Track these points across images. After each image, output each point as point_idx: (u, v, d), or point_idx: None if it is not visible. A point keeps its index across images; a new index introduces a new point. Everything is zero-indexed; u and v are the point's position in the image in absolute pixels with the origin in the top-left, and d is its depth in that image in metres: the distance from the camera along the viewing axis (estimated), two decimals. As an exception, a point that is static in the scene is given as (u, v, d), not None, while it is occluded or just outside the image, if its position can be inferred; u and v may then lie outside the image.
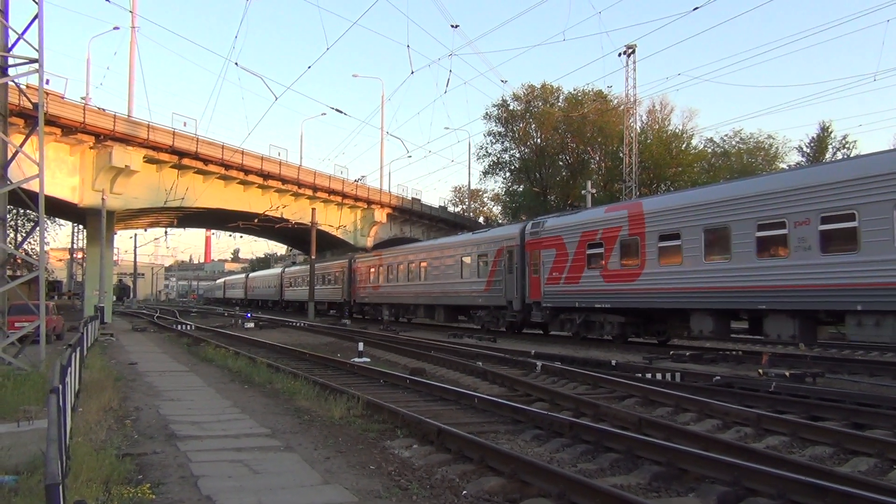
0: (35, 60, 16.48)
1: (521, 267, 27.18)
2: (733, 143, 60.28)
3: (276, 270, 76.59)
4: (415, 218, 67.59)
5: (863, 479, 6.38)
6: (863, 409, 10.33)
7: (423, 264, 36.77)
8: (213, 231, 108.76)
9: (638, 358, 18.46)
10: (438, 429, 8.62)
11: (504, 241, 28.80)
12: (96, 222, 40.74)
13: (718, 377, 13.81)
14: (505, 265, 28.28)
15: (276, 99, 68.58)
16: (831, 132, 56.22)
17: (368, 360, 19.22)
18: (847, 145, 55.11)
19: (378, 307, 43.85)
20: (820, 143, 56.23)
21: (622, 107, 50.16)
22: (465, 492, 6.63)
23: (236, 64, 65.20)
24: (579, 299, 23.96)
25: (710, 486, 6.63)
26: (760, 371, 14.49)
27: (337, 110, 76.59)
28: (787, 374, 13.65)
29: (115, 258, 68.12)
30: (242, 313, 50.16)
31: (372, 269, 44.11)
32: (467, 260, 32.18)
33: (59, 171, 37.73)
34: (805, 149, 57.23)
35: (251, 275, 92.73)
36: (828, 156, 54.11)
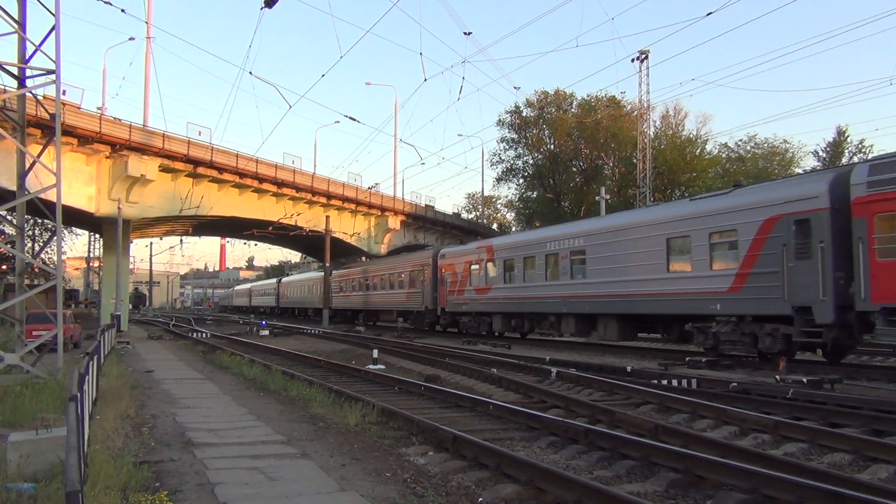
0: (52, 72, 16.65)
1: (837, 245, 16.08)
2: (748, 147, 60.04)
3: (318, 274, 63.96)
4: (428, 225, 67.68)
5: (883, 487, 6.31)
6: (882, 415, 10.21)
7: (578, 255, 25.27)
8: (227, 239, 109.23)
9: (653, 364, 18.37)
10: (454, 436, 8.61)
11: (781, 206, 17.65)
12: (112, 231, 41.12)
13: (735, 383, 13.71)
14: (786, 246, 17.19)
15: (290, 107, 69.01)
16: (848, 137, 55.86)
17: (383, 367, 19.23)
18: (863, 150, 54.73)
19: (483, 317, 32.38)
20: (836, 147, 55.87)
21: (636, 112, 50.09)
22: (481, 499, 6.62)
23: (250, 73, 65.97)
24: None
25: (728, 493, 6.58)
26: (778, 377, 14.36)
27: (350, 118, 76.99)
28: (805, 380, 13.53)
29: (130, 267, 68.64)
30: (257, 321, 50.34)
31: (475, 266, 32.46)
32: (682, 242, 20.68)
33: (76, 181, 38.12)
34: (821, 153, 56.89)
35: (284, 280, 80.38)
36: (844, 160, 53.71)
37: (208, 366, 20.88)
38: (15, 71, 17.10)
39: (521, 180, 69.51)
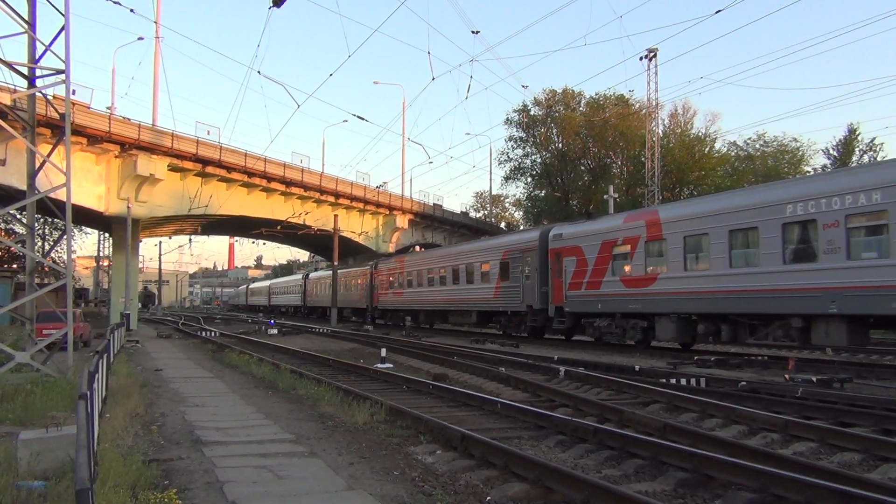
0: (62, 71, 16.73)
1: None
2: (757, 146, 59.80)
3: (360, 268, 52.24)
4: (436, 224, 67.73)
5: (893, 486, 6.27)
6: (892, 414, 10.16)
7: (866, 219, 16.13)
8: (236, 238, 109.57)
9: (662, 363, 18.32)
10: (462, 434, 8.60)
11: None
12: (122, 230, 41.32)
13: (744, 382, 13.67)
14: None
15: (299, 106, 68.92)
16: (859, 134, 55.55)
17: (391, 365, 19.24)
18: (874, 148, 54.43)
19: (634, 320, 22.92)
20: (847, 145, 55.57)
21: (644, 111, 49.91)
22: (489, 498, 6.61)
23: (259, 72, 66.19)
24: None
25: (737, 492, 6.56)
26: (787, 376, 14.33)
27: (358, 117, 77.16)
28: (815, 379, 13.49)
29: (140, 266, 68.97)
30: (266, 319, 50.44)
31: (622, 248, 23.18)
32: None
33: (86, 180, 38.31)
34: (832, 151, 56.61)
35: (313, 275, 68.38)
36: (854, 159, 53.43)
37: (217, 364, 20.94)
38: (25, 71, 17.19)
39: (530, 179, 69.59)
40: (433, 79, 60.36)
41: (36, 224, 19.64)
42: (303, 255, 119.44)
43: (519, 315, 29.71)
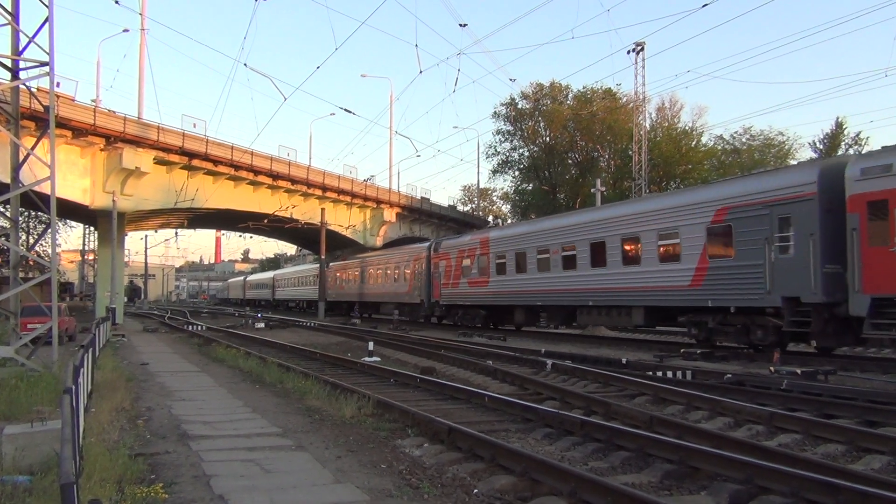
0: (46, 63, 16.58)
1: None
2: (743, 140, 60.09)
3: (417, 248, 40.75)
4: (424, 217, 67.63)
5: (876, 477, 6.34)
6: (876, 406, 10.27)
7: None
8: (223, 232, 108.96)
9: (649, 356, 18.41)
10: (449, 427, 8.62)
11: None
12: (107, 224, 40.97)
13: (730, 375, 13.76)
14: None
15: (285, 99, 69.10)
16: (845, 128, 55.97)
17: (379, 359, 19.25)
18: (860, 142, 54.86)
19: None
20: (833, 139, 55.98)
21: (631, 104, 50.01)
22: (476, 490, 6.64)
23: (245, 65, 66.03)
24: None
25: (723, 484, 6.61)
26: (772, 369, 14.42)
27: (346, 110, 77.04)
28: (799, 371, 13.58)
29: (126, 259, 68.43)
30: (253, 313, 50.25)
31: None
32: None
33: (71, 174, 37.94)
34: (818, 145, 56.96)
35: (334, 264, 56.30)
36: (840, 152, 53.83)
37: (204, 358, 20.88)
38: (8, 63, 17.02)
39: (517, 172, 69.47)
40: (420, 72, 60.64)
41: (20, 217, 19.48)
42: (290, 248, 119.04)
43: (747, 313, 18.46)
